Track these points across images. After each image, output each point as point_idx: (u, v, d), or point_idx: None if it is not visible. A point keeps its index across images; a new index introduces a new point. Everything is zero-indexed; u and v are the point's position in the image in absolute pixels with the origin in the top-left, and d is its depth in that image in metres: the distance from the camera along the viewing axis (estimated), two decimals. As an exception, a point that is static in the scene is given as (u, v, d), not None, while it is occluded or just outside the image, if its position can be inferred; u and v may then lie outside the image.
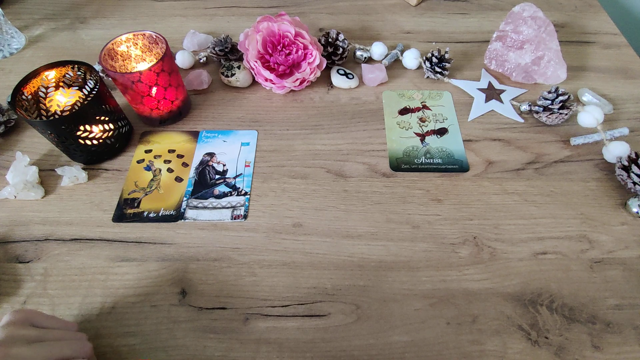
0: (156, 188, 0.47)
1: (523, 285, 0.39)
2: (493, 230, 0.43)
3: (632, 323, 0.37)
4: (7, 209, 0.46)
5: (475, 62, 0.60)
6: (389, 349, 0.36)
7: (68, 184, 0.47)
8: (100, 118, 0.46)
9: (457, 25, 0.66)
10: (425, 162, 0.48)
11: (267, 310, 0.38)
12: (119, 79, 0.46)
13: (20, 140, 0.52)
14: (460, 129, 0.52)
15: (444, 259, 0.41)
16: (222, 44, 0.58)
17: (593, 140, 0.49)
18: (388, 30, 0.65)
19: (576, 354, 0.35)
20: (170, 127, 0.53)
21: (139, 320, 0.38)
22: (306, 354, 0.36)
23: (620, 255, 0.41)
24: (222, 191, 0.47)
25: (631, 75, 0.57)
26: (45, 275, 0.41)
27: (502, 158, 0.49)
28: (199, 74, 0.57)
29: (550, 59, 0.54)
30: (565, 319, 0.37)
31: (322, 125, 0.53)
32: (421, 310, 0.38)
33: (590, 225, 0.43)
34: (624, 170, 0.44)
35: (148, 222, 0.44)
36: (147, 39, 0.50)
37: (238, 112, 0.54)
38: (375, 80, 0.56)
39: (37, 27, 0.67)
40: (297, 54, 0.53)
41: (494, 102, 0.54)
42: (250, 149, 0.50)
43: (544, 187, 0.46)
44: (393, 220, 0.44)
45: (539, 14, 0.55)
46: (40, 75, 0.46)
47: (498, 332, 0.37)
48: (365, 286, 0.40)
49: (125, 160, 0.50)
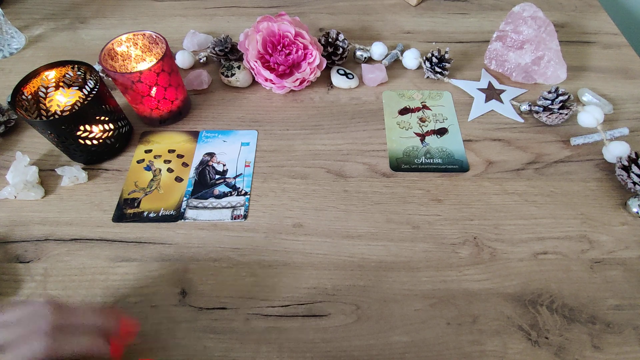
0: (156, 188, 0.47)
1: (523, 285, 0.39)
2: (493, 230, 0.43)
3: (632, 323, 0.37)
4: (7, 209, 0.46)
5: (475, 62, 0.60)
6: (389, 349, 0.36)
7: (68, 184, 0.47)
8: (100, 118, 0.46)
9: (457, 25, 0.66)
10: (425, 162, 0.48)
11: (267, 310, 0.38)
12: (119, 79, 0.46)
13: (20, 140, 0.52)
14: (460, 129, 0.52)
15: (444, 259, 0.41)
16: (222, 44, 0.58)
17: (593, 140, 0.49)
18: (388, 30, 0.65)
19: (576, 354, 0.35)
20: (170, 127, 0.53)
21: (139, 321, 0.38)
22: (306, 354, 0.36)
23: (620, 255, 0.41)
24: (222, 191, 0.47)
25: (631, 75, 0.57)
26: (45, 275, 0.41)
27: (502, 158, 0.49)
28: (199, 74, 0.57)
29: (550, 59, 0.54)
30: (566, 319, 0.37)
31: (322, 125, 0.53)
32: (421, 310, 0.38)
33: (591, 226, 0.43)
34: (624, 170, 0.44)
35: (148, 222, 0.44)
36: (147, 39, 0.50)
37: (238, 112, 0.54)
38: (375, 80, 0.56)
39: (37, 27, 0.67)
40: (297, 54, 0.53)
41: (494, 102, 0.54)
42: (250, 149, 0.50)
43: (544, 187, 0.46)
44: (393, 220, 0.44)
45: (539, 14, 0.55)
46: (40, 75, 0.46)
47: (498, 333, 0.37)
48: (365, 286, 0.40)
49: (125, 160, 0.50)
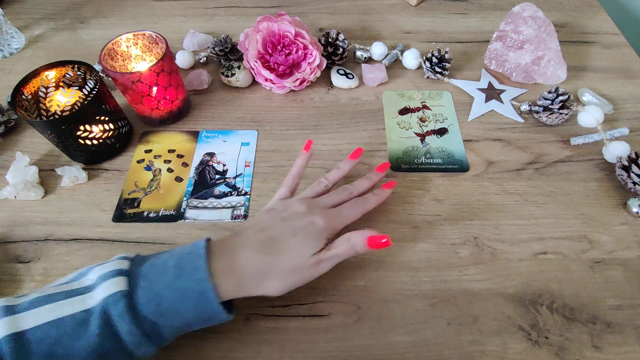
0: (156, 188, 0.47)
1: (523, 285, 0.39)
2: (493, 230, 0.43)
3: (633, 323, 0.37)
4: (7, 209, 0.46)
5: (475, 62, 0.60)
6: (390, 350, 0.36)
7: (68, 184, 0.47)
8: (100, 118, 0.46)
9: (457, 25, 0.66)
10: (426, 162, 0.48)
11: (268, 310, 0.38)
12: (119, 79, 0.46)
13: (20, 140, 0.52)
14: (460, 129, 0.52)
15: (444, 259, 0.41)
16: (222, 44, 0.58)
17: (593, 140, 0.49)
18: (388, 30, 0.65)
19: (576, 354, 0.35)
20: (170, 127, 0.53)
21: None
22: (307, 354, 0.36)
23: (620, 255, 0.41)
24: (222, 191, 0.47)
25: (631, 75, 0.57)
26: (45, 275, 0.41)
27: (502, 158, 0.49)
28: (199, 74, 0.57)
29: (550, 59, 0.54)
30: (566, 319, 0.37)
31: (322, 125, 0.53)
32: (422, 310, 0.38)
33: (591, 226, 0.43)
34: (624, 170, 0.44)
35: (148, 222, 0.44)
36: (147, 39, 0.50)
37: (238, 112, 0.54)
38: (375, 80, 0.56)
39: (37, 27, 0.67)
40: (297, 54, 0.53)
41: (494, 102, 0.54)
42: (250, 149, 0.50)
43: (544, 187, 0.46)
44: (393, 220, 0.44)
45: (539, 14, 0.55)
46: (40, 75, 0.46)
47: (498, 333, 0.37)
48: (365, 286, 0.40)
49: (125, 160, 0.50)
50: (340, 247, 0.35)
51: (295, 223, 0.36)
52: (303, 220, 0.36)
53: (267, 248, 0.34)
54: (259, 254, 0.33)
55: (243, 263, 0.33)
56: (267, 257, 0.33)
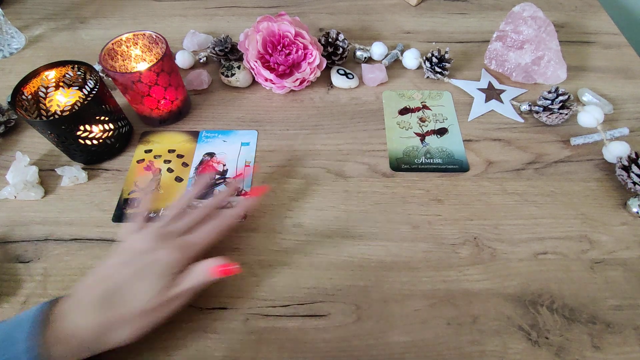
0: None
1: (523, 285, 0.39)
2: (493, 230, 0.43)
3: (633, 323, 0.37)
4: (7, 209, 0.46)
5: (475, 62, 0.60)
6: (389, 350, 0.36)
7: (68, 184, 0.47)
8: (100, 118, 0.46)
9: (457, 25, 0.66)
10: (425, 162, 0.48)
11: (267, 310, 0.38)
12: (119, 79, 0.46)
13: (20, 140, 0.52)
14: (460, 129, 0.52)
15: (444, 259, 0.41)
16: (222, 44, 0.58)
17: (593, 140, 0.49)
18: (388, 30, 0.65)
19: (576, 355, 0.35)
20: (170, 127, 0.53)
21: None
22: (306, 354, 0.36)
23: (620, 255, 0.41)
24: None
25: (631, 75, 0.57)
26: (45, 275, 0.41)
27: (502, 158, 0.49)
28: (199, 74, 0.57)
29: (550, 59, 0.54)
30: (566, 320, 0.37)
31: (322, 125, 0.53)
32: (421, 310, 0.38)
33: (591, 226, 0.43)
34: (624, 170, 0.44)
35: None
36: (147, 39, 0.50)
37: (238, 112, 0.54)
38: (375, 80, 0.56)
39: (37, 27, 0.67)
40: (297, 54, 0.53)
41: (494, 102, 0.54)
42: (250, 149, 0.50)
43: (544, 187, 0.46)
44: (393, 220, 0.44)
45: (539, 14, 0.55)
46: (40, 75, 0.46)
47: (498, 333, 0.37)
48: (365, 286, 0.40)
49: (125, 160, 0.50)
50: (186, 282, 0.34)
51: (137, 265, 0.34)
52: (146, 259, 0.34)
53: (107, 301, 0.33)
54: (96, 312, 0.32)
55: (77, 326, 0.32)
56: (107, 311, 0.32)
